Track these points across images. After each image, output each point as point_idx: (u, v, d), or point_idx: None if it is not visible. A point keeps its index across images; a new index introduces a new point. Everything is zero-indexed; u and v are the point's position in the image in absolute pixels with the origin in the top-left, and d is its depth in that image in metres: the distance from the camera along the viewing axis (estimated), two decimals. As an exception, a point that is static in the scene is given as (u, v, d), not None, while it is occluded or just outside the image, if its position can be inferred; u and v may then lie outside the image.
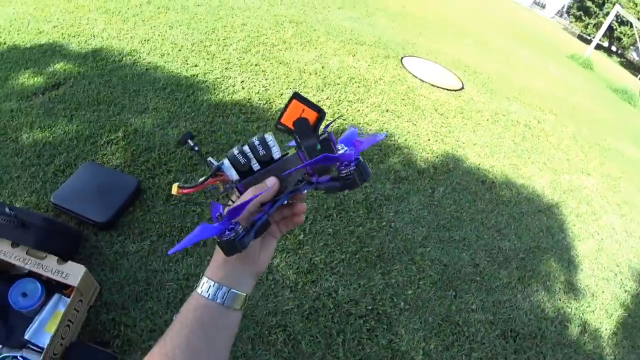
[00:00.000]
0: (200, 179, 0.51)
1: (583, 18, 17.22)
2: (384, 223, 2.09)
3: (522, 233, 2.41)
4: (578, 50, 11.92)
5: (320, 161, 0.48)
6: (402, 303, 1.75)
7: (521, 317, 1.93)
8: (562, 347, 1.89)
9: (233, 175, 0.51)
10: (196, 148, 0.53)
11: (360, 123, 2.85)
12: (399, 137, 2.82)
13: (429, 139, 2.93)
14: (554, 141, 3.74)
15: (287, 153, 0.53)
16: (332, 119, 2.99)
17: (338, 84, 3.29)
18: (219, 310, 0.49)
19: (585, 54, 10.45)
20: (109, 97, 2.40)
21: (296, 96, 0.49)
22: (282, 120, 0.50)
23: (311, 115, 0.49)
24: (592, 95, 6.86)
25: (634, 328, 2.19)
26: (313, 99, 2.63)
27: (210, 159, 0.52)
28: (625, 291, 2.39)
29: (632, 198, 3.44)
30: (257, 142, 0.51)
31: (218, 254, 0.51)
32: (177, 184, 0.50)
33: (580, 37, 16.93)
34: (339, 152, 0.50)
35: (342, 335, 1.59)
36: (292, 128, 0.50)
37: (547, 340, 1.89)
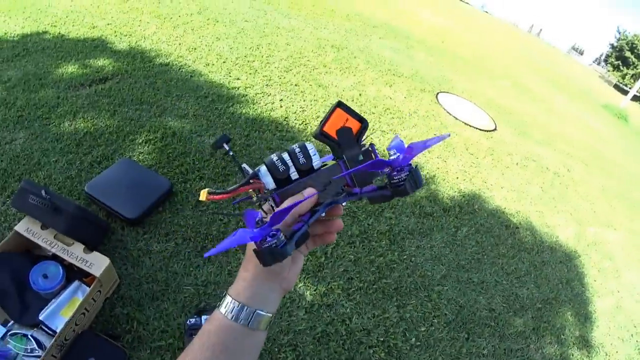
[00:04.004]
0: (232, 186, 0.47)
1: (621, 68, 16.96)
2: (404, 257, 2.07)
3: (541, 282, 2.34)
4: (613, 100, 11.66)
5: (369, 167, 0.44)
6: (414, 339, 1.71)
7: (532, 369, 1.87)
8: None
9: (270, 183, 0.47)
10: (231, 153, 0.51)
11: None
12: (427, 172, 2.81)
13: (457, 177, 2.91)
14: (582, 191, 3.65)
15: (326, 164, 0.50)
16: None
17: (373, 113, 3.32)
18: (243, 332, 0.46)
19: (621, 105, 10.28)
20: (152, 98, 2.47)
21: (340, 105, 0.47)
22: (325, 129, 0.47)
23: (354, 125, 0.47)
24: (625, 148, 6.70)
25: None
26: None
27: (244, 165, 0.50)
28: (641, 354, 2.28)
29: (658, 258, 3.31)
30: (297, 150, 0.48)
31: (245, 271, 0.47)
32: (206, 189, 0.47)
33: (616, 87, 16.62)
34: (391, 158, 0.45)
35: (350, 363, 1.56)
36: (335, 137, 0.47)
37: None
